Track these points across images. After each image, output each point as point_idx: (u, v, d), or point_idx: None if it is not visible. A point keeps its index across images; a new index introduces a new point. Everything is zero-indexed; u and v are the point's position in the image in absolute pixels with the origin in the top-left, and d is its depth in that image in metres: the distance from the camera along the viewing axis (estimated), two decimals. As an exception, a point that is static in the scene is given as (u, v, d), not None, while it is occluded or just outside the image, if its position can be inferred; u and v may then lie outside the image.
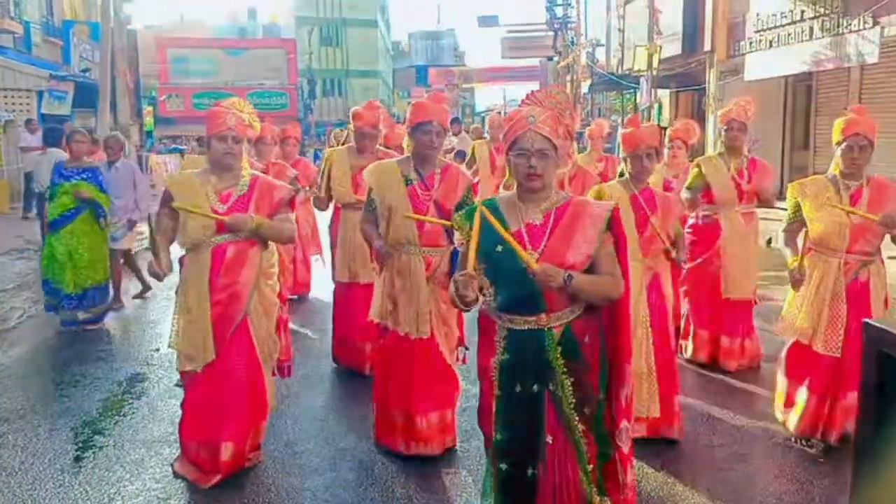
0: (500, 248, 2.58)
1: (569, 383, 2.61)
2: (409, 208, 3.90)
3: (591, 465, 2.65)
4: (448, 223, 3.84)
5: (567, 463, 2.64)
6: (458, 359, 4.17)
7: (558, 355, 2.61)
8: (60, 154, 8.77)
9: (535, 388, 2.63)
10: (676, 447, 4.16)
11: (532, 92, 2.80)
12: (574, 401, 2.62)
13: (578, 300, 2.64)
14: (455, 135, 11.73)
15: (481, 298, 2.67)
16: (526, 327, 2.63)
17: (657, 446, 4.09)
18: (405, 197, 3.92)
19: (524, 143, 2.58)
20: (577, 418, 2.62)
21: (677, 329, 5.40)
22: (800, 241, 4.22)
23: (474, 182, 4.59)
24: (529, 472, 2.65)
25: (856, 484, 1.34)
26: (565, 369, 2.61)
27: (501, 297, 2.65)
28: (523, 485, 2.66)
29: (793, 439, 4.23)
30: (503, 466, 2.68)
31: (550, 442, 2.63)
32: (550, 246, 2.60)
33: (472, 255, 2.56)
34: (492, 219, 2.60)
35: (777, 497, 3.68)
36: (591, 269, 2.63)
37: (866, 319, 1.28)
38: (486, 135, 9.90)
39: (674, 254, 4.12)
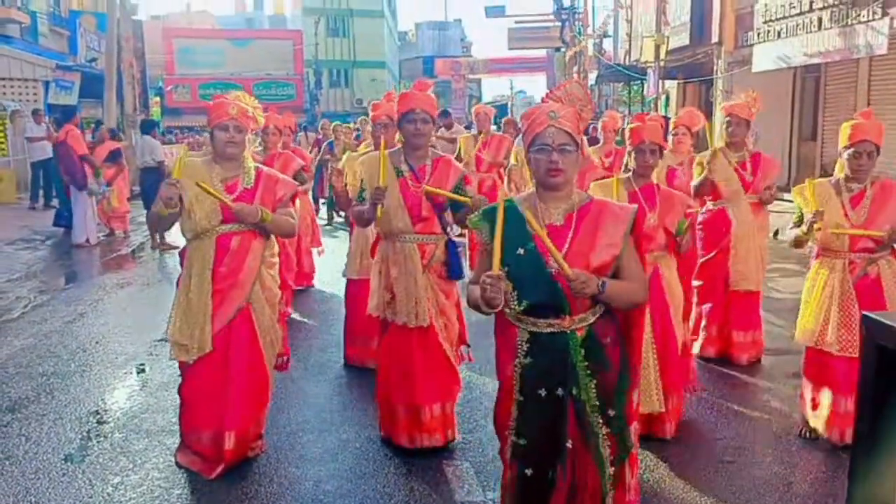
0: (522, 250, 2.52)
1: (592, 385, 2.57)
2: (400, 200, 3.88)
3: (612, 469, 2.61)
4: (462, 198, 3.84)
5: (586, 467, 2.60)
6: (461, 357, 4.15)
7: (582, 358, 2.56)
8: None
9: (560, 391, 2.58)
10: (679, 441, 4.15)
11: (551, 90, 2.74)
12: (598, 403, 2.58)
13: (599, 302, 2.59)
14: (447, 128, 11.45)
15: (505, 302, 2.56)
16: (549, 330, 2.57)
17: (659, 440, 4.08)
18: (396, 189, 3.90)
19: (545, 139, 2.51)
20: (600, 421, 2.59)
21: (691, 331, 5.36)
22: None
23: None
24: (549, 475, 2.62)
25: (854, 478, 1.33)
26: (589, 371, 2.57)
27: (524, 301, 2.57)
28: (542, 488, 2.63)
29: (801, 431, 4.20)
30: (528, 472, 2.64)
31: (570, 446, 2.59)
32: (574, 248, 2.54)
33: (497, 253, 2.47)
34: (531, 219, 2.50)
35: (780, 491, 3.67)
36: (615, 272, 2.58)
37: (865, 313, 1.27)
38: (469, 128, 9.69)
39: (680, 243, 4.07)
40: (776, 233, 8.69)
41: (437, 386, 3.99)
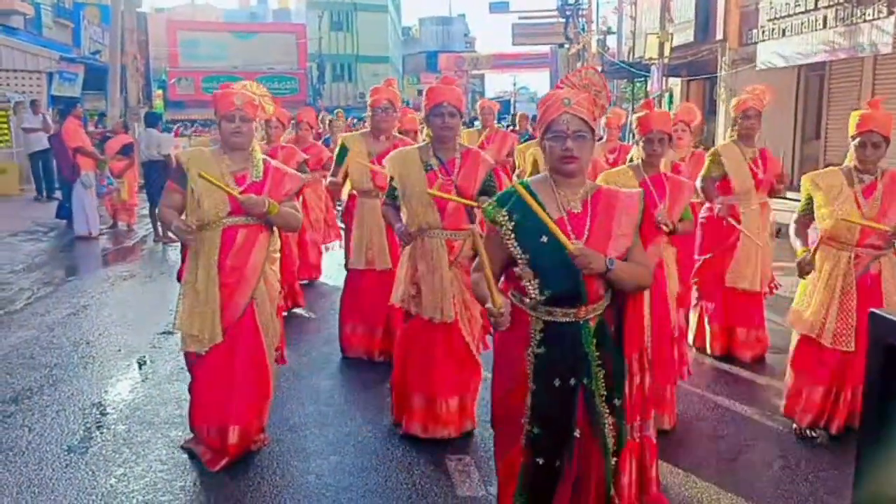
0: (544, 238, 2.48)
1: (601, 375, 2.58)
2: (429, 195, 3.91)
3: (614, 459, 2.62)
4: (469, 202, 3.87)
5: (592, 457, 2.61)
6: (484, 346, 4.16)
7: (594, 348, 2.57)
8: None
9: (572, 381, 2.58)
10: (681, 438, 4.16)
11: (566, 76, 2.73)
12: (605, 393, 2.58)
13: (609, 290, 2.60)
14: None
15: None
16: (565, 320, 2.56)
17: (660, 435, 4.08)
18: (425, 183, 3.93)
19: (559, 126, 2.50)
20: (606, 410, 2.59)
21: (686, 318, 5.37)
22: (812, 233, 4.18)
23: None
24: (557, 464, 2.63)
25: (859, 476, 1.33)
26: (600, 361, 2.58)
27: (546, 291, 2.53)
28: (551, 477, 2.64)
29: (798, 429, 4.21)
30: (540, 461, 2.64)
31: (578, 436, 2.59)
32: (593, 236, 2.53)
33: (492, 286, 2.46)
34: (533, 203, 2.49)
35: (782, 488, 3.68)
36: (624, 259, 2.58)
37: (873, 310, 1.26)
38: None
39: (676, 227, 4.05)
40: (777, 231, 8.67)
41: (455, 381, 4.03)
